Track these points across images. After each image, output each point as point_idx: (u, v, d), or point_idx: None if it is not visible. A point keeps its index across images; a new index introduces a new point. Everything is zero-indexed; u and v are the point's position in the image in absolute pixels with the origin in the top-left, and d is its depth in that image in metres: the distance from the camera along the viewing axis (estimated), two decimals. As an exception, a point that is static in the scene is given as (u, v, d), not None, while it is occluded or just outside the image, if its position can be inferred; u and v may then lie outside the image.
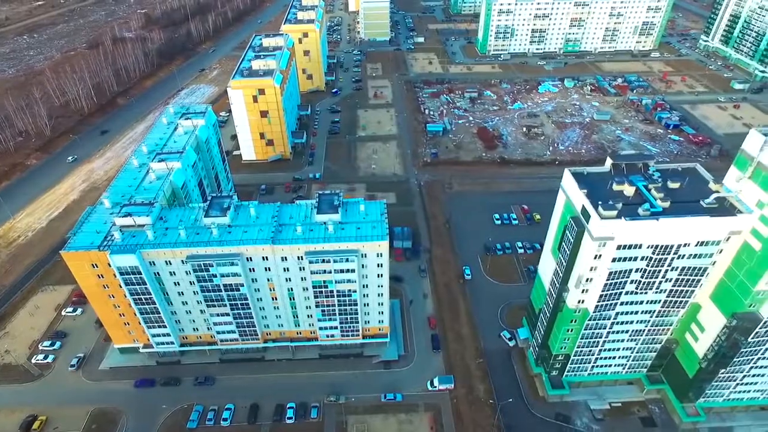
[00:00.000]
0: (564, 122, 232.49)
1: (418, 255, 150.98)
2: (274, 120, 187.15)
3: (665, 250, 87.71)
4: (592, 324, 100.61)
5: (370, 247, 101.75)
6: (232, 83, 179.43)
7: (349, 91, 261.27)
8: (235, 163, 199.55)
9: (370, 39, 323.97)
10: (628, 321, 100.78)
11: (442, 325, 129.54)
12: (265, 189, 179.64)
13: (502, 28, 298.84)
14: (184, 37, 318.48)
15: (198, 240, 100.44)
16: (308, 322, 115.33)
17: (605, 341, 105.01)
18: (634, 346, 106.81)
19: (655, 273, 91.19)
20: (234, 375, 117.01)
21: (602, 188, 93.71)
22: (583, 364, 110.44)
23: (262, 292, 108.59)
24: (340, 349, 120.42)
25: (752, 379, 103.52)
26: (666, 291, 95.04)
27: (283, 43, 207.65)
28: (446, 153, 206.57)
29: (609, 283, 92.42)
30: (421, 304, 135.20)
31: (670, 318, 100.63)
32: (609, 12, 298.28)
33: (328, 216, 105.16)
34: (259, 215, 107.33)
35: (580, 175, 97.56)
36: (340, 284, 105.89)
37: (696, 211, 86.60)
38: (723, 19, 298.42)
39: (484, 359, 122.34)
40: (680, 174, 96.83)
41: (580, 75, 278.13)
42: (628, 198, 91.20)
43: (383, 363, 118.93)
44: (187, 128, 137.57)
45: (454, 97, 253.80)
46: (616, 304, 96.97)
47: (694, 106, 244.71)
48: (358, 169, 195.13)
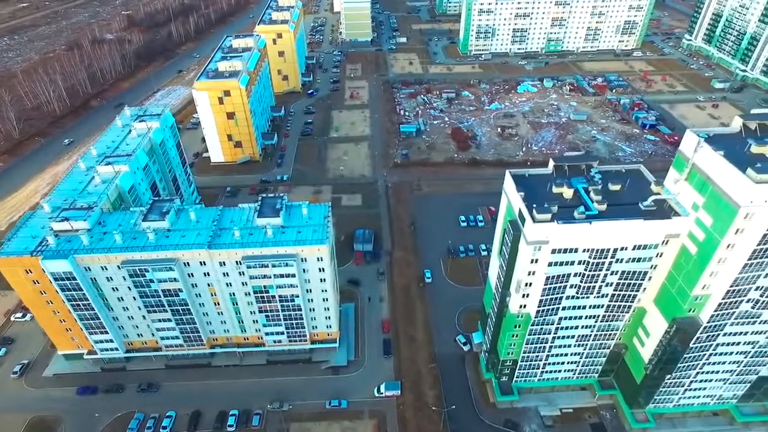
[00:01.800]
0: (540, 122, 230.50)
1: (379, 258, 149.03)
2: (241, 122, 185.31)
3: (602, 254, 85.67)
4: (536, 329, 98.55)
5: (309, 252, 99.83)
6: (196, 85, 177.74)
7: (326, 92, 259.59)
8: (204, 165, 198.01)
9: (352, 40, 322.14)
10: (572, 326, 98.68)
11: (396, 329, 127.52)
12: (231, 191, 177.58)
13: (483, 28, 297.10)
14: (164, 39, 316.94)
15: (133, 245, 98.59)
16: (254, 327, 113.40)
17: (552, 346, 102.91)
18: (583, 351, 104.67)
19: (594, 277, 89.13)
20: (179, 381, 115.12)
21: (542, 191, 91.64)
22: (531, 369, 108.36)
23: (203, 298, 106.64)
24: (289, 355, 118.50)
25: (700, 384, 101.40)
26: (608, 295, 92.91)
27: (253, 44, 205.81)
28: (418, 154, 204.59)
29: (548, 287, 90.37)
30: (377, 308, 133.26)
31: (616, 323, 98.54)
32: (590, 11, 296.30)
33: (269, 220, 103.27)
34: (199, 219, 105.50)
35: (521, 177, 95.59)
36: (282, 289, 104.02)
37: (633, 213, 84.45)
38: (705, 18, 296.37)
39: (437, 364, 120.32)
40: (623, 176, 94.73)
41: (560, 75, 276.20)
42: (567, 201, 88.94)
43: (332, 369, 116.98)
44: (141, 131, 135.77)
45: (431, 98, 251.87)
46: (558, 309, 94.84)
47: (673, 105, 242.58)
48: (327, 171, 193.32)
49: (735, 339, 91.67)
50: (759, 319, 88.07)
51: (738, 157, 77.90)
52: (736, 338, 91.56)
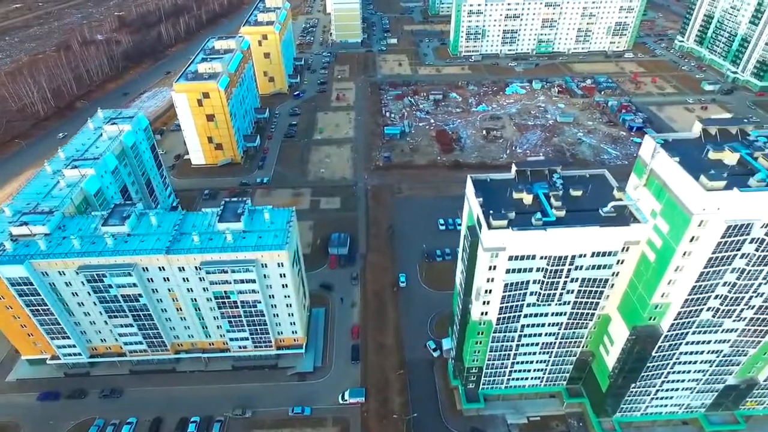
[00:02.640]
0: (526, 124, 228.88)
1: (354, 262, 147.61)
2: (221, 124, 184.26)
3: (560, 261, 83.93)
4: (499, 336, 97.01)
5: (269, 257, 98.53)
6: (175, 87, 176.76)
7: (313, 93, 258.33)
8: (185, 167, 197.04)
9: (342, 41, 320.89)
10: (536, 333, 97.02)
11: (365, 335, 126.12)
12: (209, 194, 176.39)
13: (473, 29, 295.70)
14: (154, 40, 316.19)
15: (91, 250, 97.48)
16: (218, 332, 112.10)
17: (516, 354, 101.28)
18: (548, 359, 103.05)
19: (554, 285, 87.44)
20: (144, 387, 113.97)
21: (503, 196, 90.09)
22: (497, 376, 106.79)
23: (165, 303, 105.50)
24: (254, 361, 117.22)
25: (667, 393, 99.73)
26: (570, 303, 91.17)
27: (236, 46, 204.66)
28: (401, 156, 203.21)
29: (507, 295, 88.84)
30: (348, 314, 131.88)
31: (580, 330, 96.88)
32: (581, 12, 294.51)
33: (230, 224, 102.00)
34: (161, 224, 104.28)
35: (482, 182, 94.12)
36: (243, 295, 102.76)
37: (592, 220, 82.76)
38: (697, 19, 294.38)
39: (406, 371, 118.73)
40: (586, 181, 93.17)
41: (549, 76, 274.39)
42: (526, 207, 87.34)
43: (298, 375, 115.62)
44: (112, 134, 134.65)
45: (418, 100, 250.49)
46: (520, 316, 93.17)
47: (662, 107, 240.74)
48: (308, 173, 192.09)
49: (698, 348, 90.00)
50: (721, 327, 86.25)
51: (695, 163, 76.34)
52: (699, 347, 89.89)
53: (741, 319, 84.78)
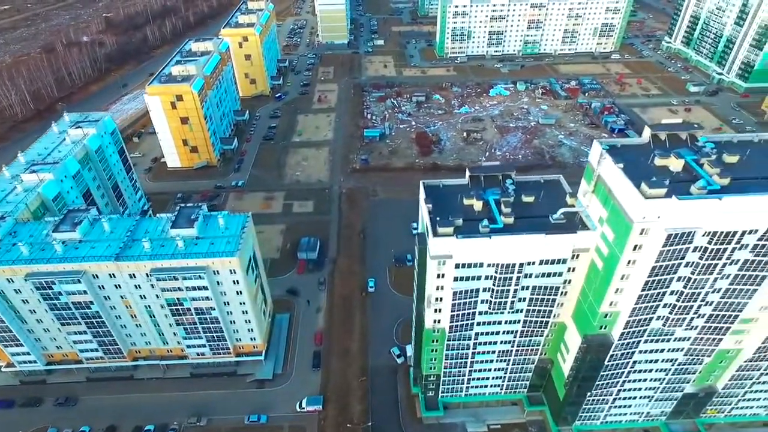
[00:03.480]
0: (508, 126, 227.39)
1: (322, 267, 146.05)
2: (196, 126, 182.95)
3: (509, 269, 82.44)
4: (453, 344, 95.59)
5: (220, 264, 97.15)
6: (147, 89, 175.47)
7: (295, 95, 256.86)
8: (162, 170, 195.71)
9: (328, 42, 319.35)
10: (491, 341, 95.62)
11: (329, 341, 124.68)
12: (182, 198, 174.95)
13: (459, 31, 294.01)
14: (139, 42, 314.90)
15: (40, 257, 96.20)
16: (175, 339, 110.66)
17: (473, 362, 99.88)
18: (506, 367, 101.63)
19: (505, 293, 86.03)
20: (100, 395, 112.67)
21: (454, 202, 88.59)
22: (456, 384, 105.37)
23: (118, 310, 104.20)
24: (213, 368, 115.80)
25: (624, 402, 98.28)
26: (523, 311, 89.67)
27: (213, 47, 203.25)
28: (379, 159, 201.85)
29: (457, 303, 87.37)
30: (313, 319, 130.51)
31: (537, 338, 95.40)
32: (567, 14, 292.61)
33: (183, 231, 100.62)
34: (113, 230, 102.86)
35: (434, 187, 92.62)
36: (197, 302, 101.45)
37: (541, 227, 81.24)
38: (684, 20, 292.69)
39: (368, 377, 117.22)
40: (540, 187, 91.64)
41: (534, 78, 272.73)
42: (476, 213, 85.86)
43: (257, 382, 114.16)
44: (75, 138, 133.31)
45: (400, 101, 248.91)
46: (473, 324, 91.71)
47: (645, 109, 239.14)
48: (284, 176, 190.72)
49: (652, 357, 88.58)
50: (673, 336, 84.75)
51: (640, 169, 74.91)
52: (652, 356, 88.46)
53: (692, 327, 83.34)
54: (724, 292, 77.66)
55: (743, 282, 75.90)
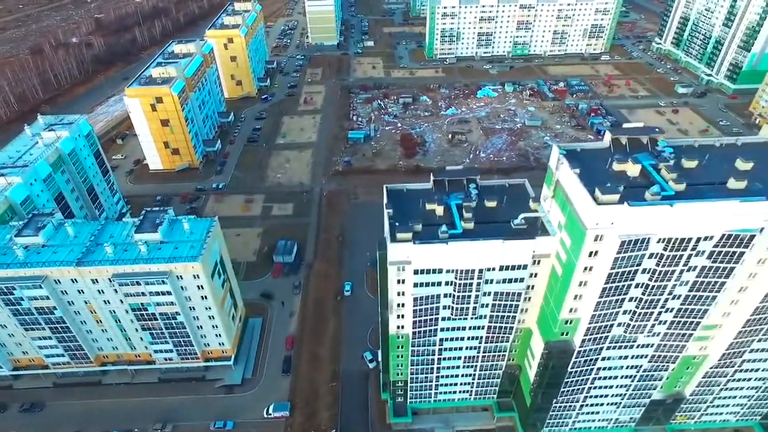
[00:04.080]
0: (494, 128, 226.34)
1: (298, 270, 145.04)
2: (177, 129, 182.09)
3: (469, 275, 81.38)
4: (418, 350, 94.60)
5: (183, 269, 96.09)
6: (127, 92, 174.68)
7: (282, 97, 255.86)
8: (144, 172, 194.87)
9: (317, 43, 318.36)
10: (456, 347, 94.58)
11: (301, 345, 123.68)
12: (161, 200, 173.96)
13: (448, 32, 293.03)
14: (128, 43, 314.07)
15: (0, 262, 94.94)
16: (143, 344, 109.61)
17: (440, 368, 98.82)
18: (473, 373, 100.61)
19: (466, 299, 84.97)
20: (67, 400, 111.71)
21: (416, 207, 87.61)
22: (424, 390, 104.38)
23: (83, 315, 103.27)
24: (182, 373, 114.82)
25: (592, 408, 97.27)
26: (486, 317, 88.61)
27: (195, 49, 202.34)
28: (362, 161, 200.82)
29: (419, 309, 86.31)
30: (286, 323, 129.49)
31: (502, 344, 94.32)
32: (556, 15, 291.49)
33: (147, 235, 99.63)
34: (78, 234, 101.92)
35: (398, 192, 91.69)
36: (161, 307, 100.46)
37: (501, 232, 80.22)
38: (674, 21, 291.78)
39: (339, 383, 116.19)
40: (505, 191, 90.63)
41: (523, 79, 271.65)
42: (437, 218, 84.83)
43: (225, 387, 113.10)
44: (48, 141, 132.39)
45: (387, 103, 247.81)
46: (436, 330, 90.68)
47: (633, 110, 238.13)
48: (266, 178, 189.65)
49: (616, 363, 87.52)
50: (635, 343, 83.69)
51: (598, 175, 73.97)
52: (616, 362, 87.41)
53: (654, 334, 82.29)
54: (684, 299, 76.63)
55: (703, 288, 74.88)
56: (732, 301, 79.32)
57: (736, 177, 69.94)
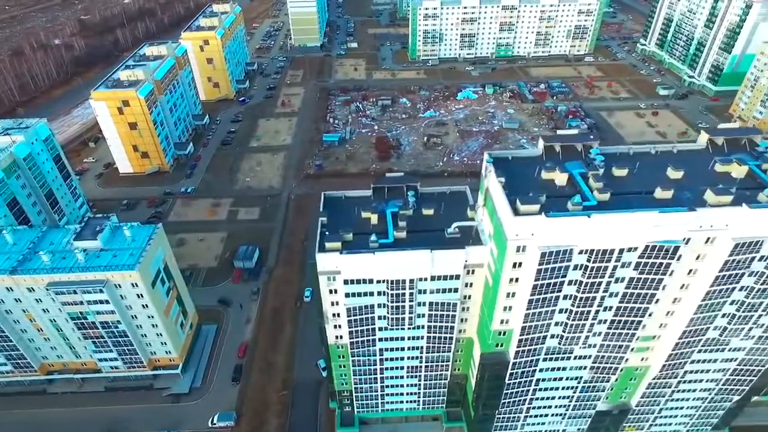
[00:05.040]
0: (471, 131, 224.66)
1: (259, 276, 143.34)
2: (145, 132, 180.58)
3: (400, 285, 79.69)
4: (359, 360, 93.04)
5: (120, 277, 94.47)
6: (93, 95, 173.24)
7: (260, 99, 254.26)
8: (114, 175, 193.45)
9: (300, 45, 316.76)
10: (397, 357, 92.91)
11: (254, 353, 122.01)
12: (127, 204, 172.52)
13: (430, 33, 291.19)
14: (111, 45, 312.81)
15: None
16: (88, 353, 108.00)
17: (383, 377, 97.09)
18: (418, 383, 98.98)
19: (401, 309, 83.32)
20: (11, 410, 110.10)
21: (351, 215, 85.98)
22: (370, 400, 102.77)
23: (23, 324, 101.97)
24: (130, 381, 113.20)
25: (537, 419, 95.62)
26: (425, 327, 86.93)
27: (168, 52, 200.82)
28: (334, 164, 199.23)
29: (354, 319, 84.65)
30: (241, 330, 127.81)
31: (444, 354, 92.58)
32: (539, 16, 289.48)
33: (87, 243, 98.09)
34: (17, 241, 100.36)
35: (336, 199, 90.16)
36: (102, 315, 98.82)
37: (435, 241, 78.59)
38: (658, 22, 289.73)
39: (290, 391, 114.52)
40: (444, 198, 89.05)
41: (504, 81, 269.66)
42: (371, 227, 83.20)
43: (172, 396, 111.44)
44: (2, 145, 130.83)
45: (365, 105, 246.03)
46: (374, 340, 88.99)
47: (612, 112, 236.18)
48: (235, 182, 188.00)
49: (554, 375, 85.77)
50: (572, 354, 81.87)
51: (525, 183, 72.22)
52: (555, 374, 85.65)
53: (590, 345, 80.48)
54: (617, 311, 74.87)
55: (634, 300, 73.11)
56: (667, 312, 77.54)
57: (664, 186, 68.11)
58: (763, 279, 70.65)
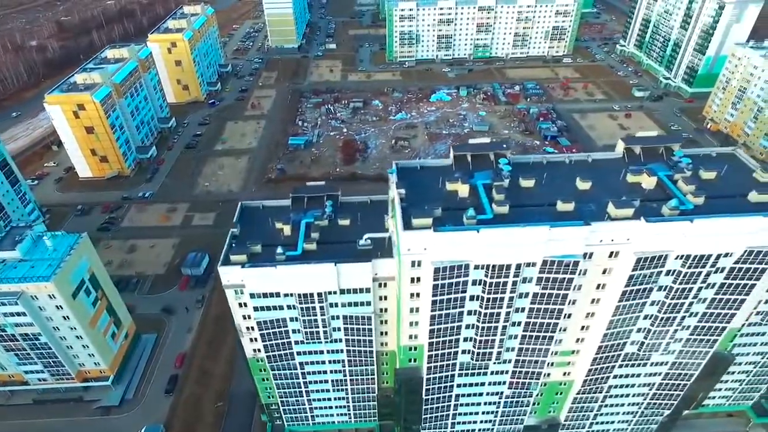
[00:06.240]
0: (440, 133, 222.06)
1: (206, 283, 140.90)
2: (102, 136, 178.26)
3: (309, 299, 77.24)
4: (280, 374, 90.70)
5: (35, 289, 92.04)
6: (47, 98, 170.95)
7: (231, 101, 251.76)
8: (73, 180, 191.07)
9: (277, 46, 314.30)
10: (320, 371, 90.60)
11: (192, 363, 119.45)
12: (81, 210, 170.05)
13: (407, 35, 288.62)
14: (86, 46, 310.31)
15: None
16: (13, 365, 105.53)
17: (309, 391, 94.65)
18: (346, 396, 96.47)
19: (314, 322, 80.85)
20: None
21: (266, 226, 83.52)
22: (299, 413, 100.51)
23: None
24: (59, 393, 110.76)
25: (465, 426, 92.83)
26: (342, 340, 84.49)
27: (130, 54, 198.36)
28: (298, 168, 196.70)
29: (267, 333, 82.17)
30: (182, 340, 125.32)
31: (368, 367, 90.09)
32: (516, 17, 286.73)
33: (6, 253, 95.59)
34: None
35: (253, 209, 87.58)
36: (21, 328, 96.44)
37: (347, 253, 76.17)
38: (636, 23, 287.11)
39: (226, 403, 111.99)
40: (366, 208, 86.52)
41: (480, 83, 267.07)
42: (282, 238, 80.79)
43: (102, 409, 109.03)
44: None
45: (337, 108, 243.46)
46: (293, 354, 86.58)
47: (585, 115, 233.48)
48: (195, 186, 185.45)
49: (473, 390, 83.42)
50: (488, 370, 79.32)
51: (428, 195, 69.63)
52: (473, 389, 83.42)
53: (505, 361, 77.93)
54: (526, 326, 72.38)
55: (542, 316, 70.54)
56: (582, 326, 74.99)
57: (565, 199, 65.52)
58: (674, 293, 68.09)
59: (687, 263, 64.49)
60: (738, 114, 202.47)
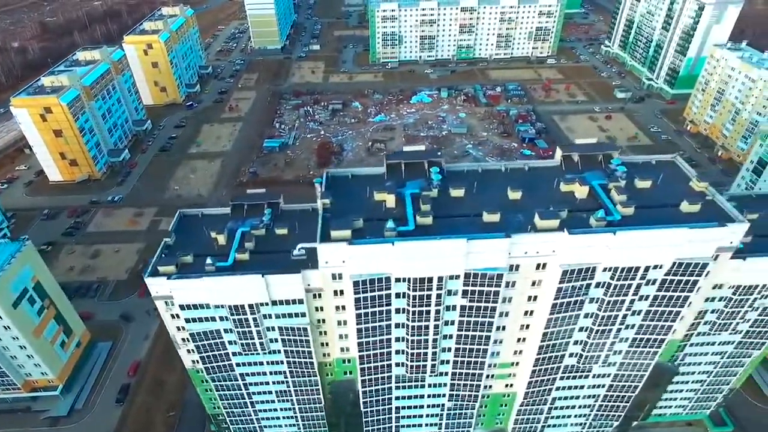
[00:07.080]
0: (417, 136, 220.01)
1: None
2: (71, 139, 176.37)
3: (240, 310, 75.33)
4: (221, 385, 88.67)
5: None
6: (12, 101, 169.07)
7: (209, 103, 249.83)
8: (44, 184, 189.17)
9: (260, 47, 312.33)
10: (261, 382, 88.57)
11: (146, 372, 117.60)
12: (48, 214, 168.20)
13: (389, 36, 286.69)
14: (68, 47, 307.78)
15: None
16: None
17: (253, 402, 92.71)
18: (292, 407, 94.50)
19: (248, 334, 78.91)
20: None
21: (201, 235, 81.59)
22: (246, 424, 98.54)
23: None
24: (6, 404, 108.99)
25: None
26: (281, 351, 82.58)
27: (102, 56, 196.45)
28: (271, 171, 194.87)
29: (201, 344, 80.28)
30: (138, 347, 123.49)
31: (311, 378, 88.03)
32: (499, 18, 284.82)
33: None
34: None
35: (192, 218, 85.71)
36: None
37: (280, 264, 74.24)
38: (620, 23, 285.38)
39: (178, 413, 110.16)
40: (306, 216, 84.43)
41: (461, 84, 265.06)
42: (216, 248, 78.87)
43: (50, 419, 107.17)
44: None
45: (316, 109, 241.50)
46: (232, 365, 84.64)
47: (565, 116, 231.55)
48: (166, 190, 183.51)
49: (412, 402, 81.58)
50: (425, 382, 77.51)
51: (354, 205, 67.84)
52: (412, 401, 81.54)
53: (442, 374, 76.10)
54: (458, 338, 70.54)
55: (472, 328, 68.71)
56: (518, 338, 73.16)
57: (491, 209, 63.64)
58: (606, 306, 66.27)
59: (615, 275, 62.69)
60: (717, 116, 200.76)
